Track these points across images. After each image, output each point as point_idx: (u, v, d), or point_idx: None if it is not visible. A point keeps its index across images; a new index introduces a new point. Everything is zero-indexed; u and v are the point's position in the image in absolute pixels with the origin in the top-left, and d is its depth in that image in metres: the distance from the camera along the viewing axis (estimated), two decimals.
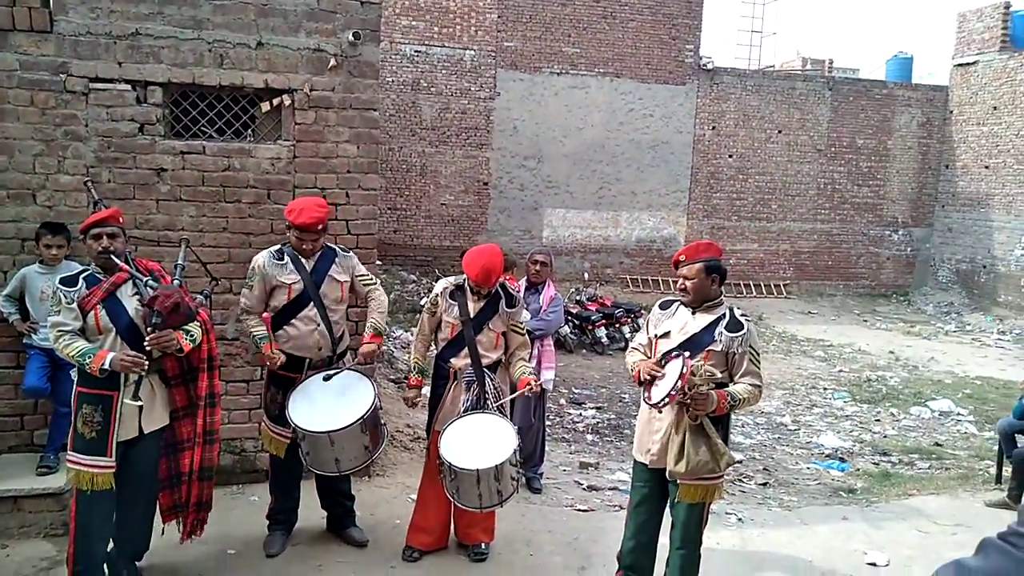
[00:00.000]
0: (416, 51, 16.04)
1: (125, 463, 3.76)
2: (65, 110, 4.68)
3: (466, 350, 4.26)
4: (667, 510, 3.86)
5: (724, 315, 3.68)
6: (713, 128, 17.77)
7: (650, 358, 3.75)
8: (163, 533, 4.01)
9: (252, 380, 5.15)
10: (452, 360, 4.31)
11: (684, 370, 3.42)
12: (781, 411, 9.17)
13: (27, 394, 4.65)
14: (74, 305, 3.61)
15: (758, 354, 3.71)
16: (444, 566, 4.31)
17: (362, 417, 3.99)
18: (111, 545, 3.92)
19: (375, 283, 4.52)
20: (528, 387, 4.18)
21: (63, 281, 3.67)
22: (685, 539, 3.74)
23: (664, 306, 3.89)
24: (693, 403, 3.47)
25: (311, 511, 4.57)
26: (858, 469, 7.05)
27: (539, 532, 4.81)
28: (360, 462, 4.19)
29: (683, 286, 3.70)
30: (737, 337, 3.62)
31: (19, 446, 4.85)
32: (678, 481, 3.63)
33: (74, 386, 3.72)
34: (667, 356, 3.61)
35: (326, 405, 4.07)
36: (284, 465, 4.36)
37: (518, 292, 4.74)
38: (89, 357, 3.52)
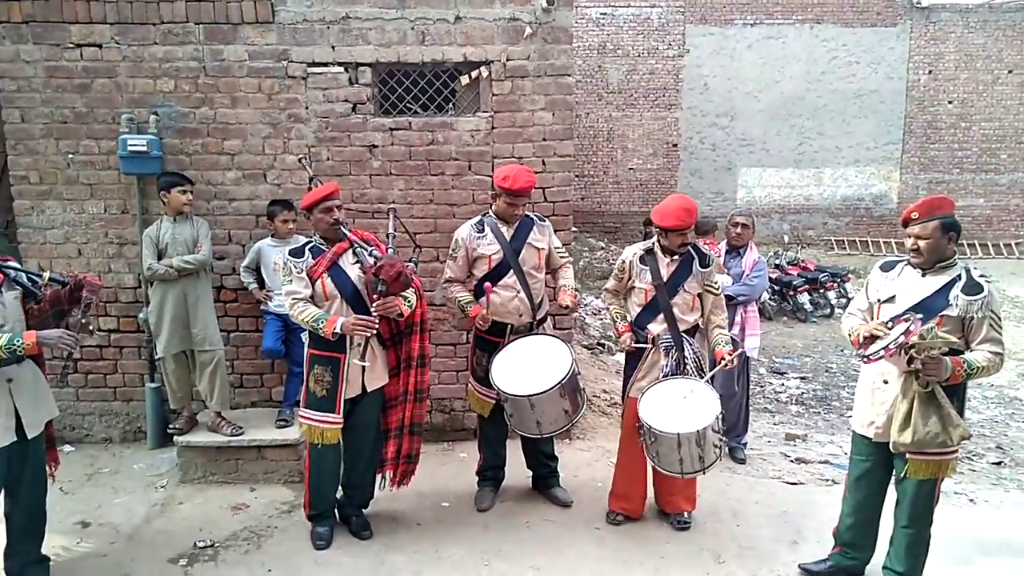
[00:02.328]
0: (602, 13, 15.84)
1: (350, 418, 4.09)
2: (288, 94, 5.10)
3: (662, 315, 4.18)
4: (891, 486, 3.60)
5: (959, 276, 3.33)
6: (929, 72, 16.10)
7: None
8: (382, 487, 4.32)
9: (459, 344, 5.40)
10: (649, 326, 4.24)
11: (912, 328, 3.15)
12: (1015, 384, 8.23)
13: (265, 355, 5.17)
14: (304, 274, 3.94)
15: (999, 319, 3.33)
16: (648, 532, 4.31)
17: (560, 382, 4.05)
18: (340, 492, 4.29)
19: (569, 259, 4.62)
20: (723, 362, 4.05)
21: (291, 253, 4.02)
22: (914, 517, 3.47)
23: (887, 267, 3.58)
24: (924, 368, 3.19)
25: (517, 470, 4.73)
26: None
27: (746, 503, 4.67)
28: (560, 425, 4.25)
29: (915, 246, 3.38)
30: (976, 301, 3.26)
31: (260, 401, 5.44)
32: (907, 455, 3.37)
33: (306, 348, 4.08)
34: (895, 320, 3.33)
35: (527, 369, 4.17)
36: (491, 425, 4.54)
37: (718, 256, 4.58)
38: (322, 322, 3.83)
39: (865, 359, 3.38)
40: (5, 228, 5.38)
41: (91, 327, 3.64)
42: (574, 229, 6.80)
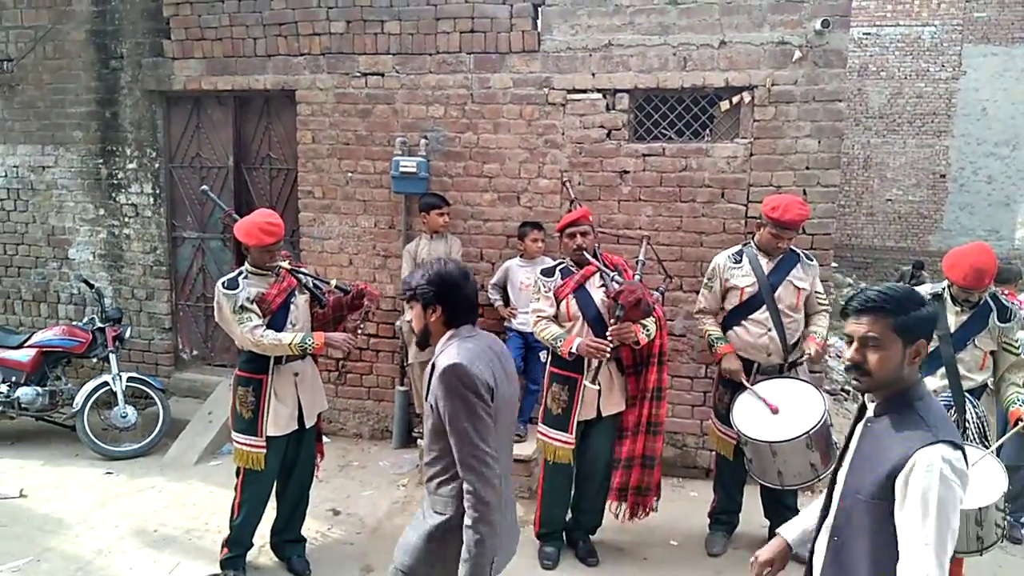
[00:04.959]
0: (865, 33, 14.80)
1: (584, 442, 4.09)
2: (546, 120, 5.25)
3: (943, 370, 3.74)
4: None
5: None
6: None
7: None
8: (618, 516, 4.27)
9: (696, 377, 5.22)
10: (926, 380, 3.79)
11: None
12: None
13: None
14: (551, 294, 4.04)
15: None
16: None
17: (807, 432, 3.75)
18: (569, 515, 4.30)
19: (827, 307, 4.31)
20: (1019, 423, 3.52)
21: (543, 272, 4.14)
22: None
23: None
24: None
25: (753, 516, 4.46)
26: None
27: None
28: (804, 480, 3.93)
29: None
30: None
31: None
32: None
33: (547, 366, 4.15)
34: None
35: (773, 413, 3.91)
36: (729, 466, 4.32)
37: (1018, 307, 4.01)
38: (560, 341, 3.90)
39: None
40: (290, 237, 6.05)
41: (362, 332, 3.98)
42: (835, 265, 6.34)
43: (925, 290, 3.90)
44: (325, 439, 5.75)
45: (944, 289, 3.79)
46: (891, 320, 1.92)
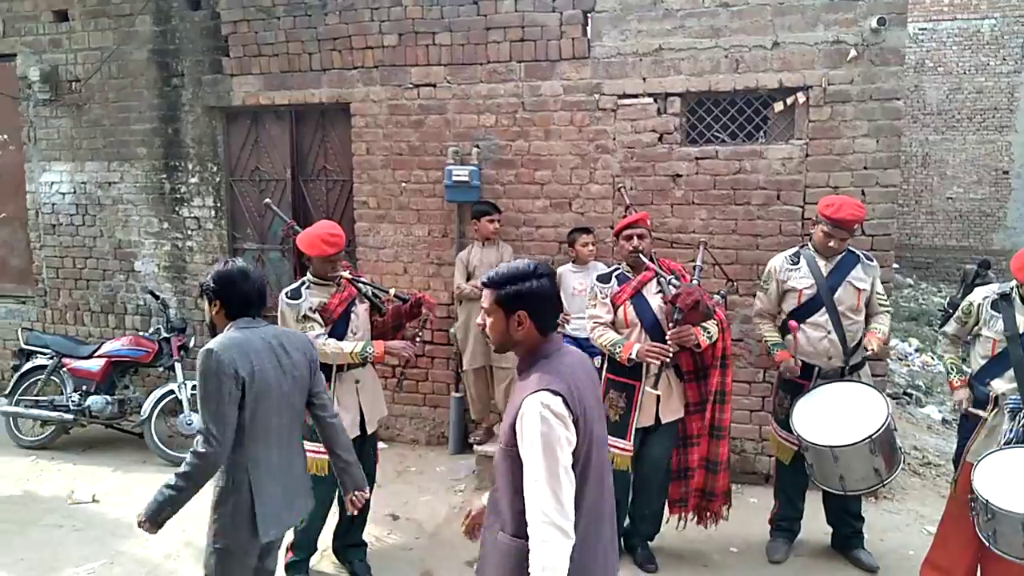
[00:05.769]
0: (921, 29, 14.43)
1: (641, 448, 4.07)
2: (597, 126, 5.26)
3: (1011, 372, 3.62)
4: None
5: None
6: None
7: None
8: (668, 522, 4.25)
9: (754, 382, 5.16)
10: (993, 382, 3.70)
11: None
12: None
13: None
14: (608, 300, 4.03)
15: None
16: None
17: (870, 436, 3.68)
18: (628, 522, 4.29)
19: (888, 308, 4.21)
20: None
21: (599, 278, 4.14)
22: None
23: None
24: None
25: (815, 523, 4.38)
26: None
27: None
28: (868, 484, 3.85)
29: None
30: None
31: None
32: None
33: (603, 372, 4.14)
34: None
35: (834, 417, 3.85)
36: (790, 473, 4.26)
37: None
38: (619, 347, 3.88)
39: None
40: (347, 247, 6.15)
41: (420, 340, 4.04)
42: (895, 265, 6.21)
43: (991, 290, 3.79)
44: (382, 445, 5.85)
45: (1013, 289, 3.68)
46: (494, 294, 2.27)
